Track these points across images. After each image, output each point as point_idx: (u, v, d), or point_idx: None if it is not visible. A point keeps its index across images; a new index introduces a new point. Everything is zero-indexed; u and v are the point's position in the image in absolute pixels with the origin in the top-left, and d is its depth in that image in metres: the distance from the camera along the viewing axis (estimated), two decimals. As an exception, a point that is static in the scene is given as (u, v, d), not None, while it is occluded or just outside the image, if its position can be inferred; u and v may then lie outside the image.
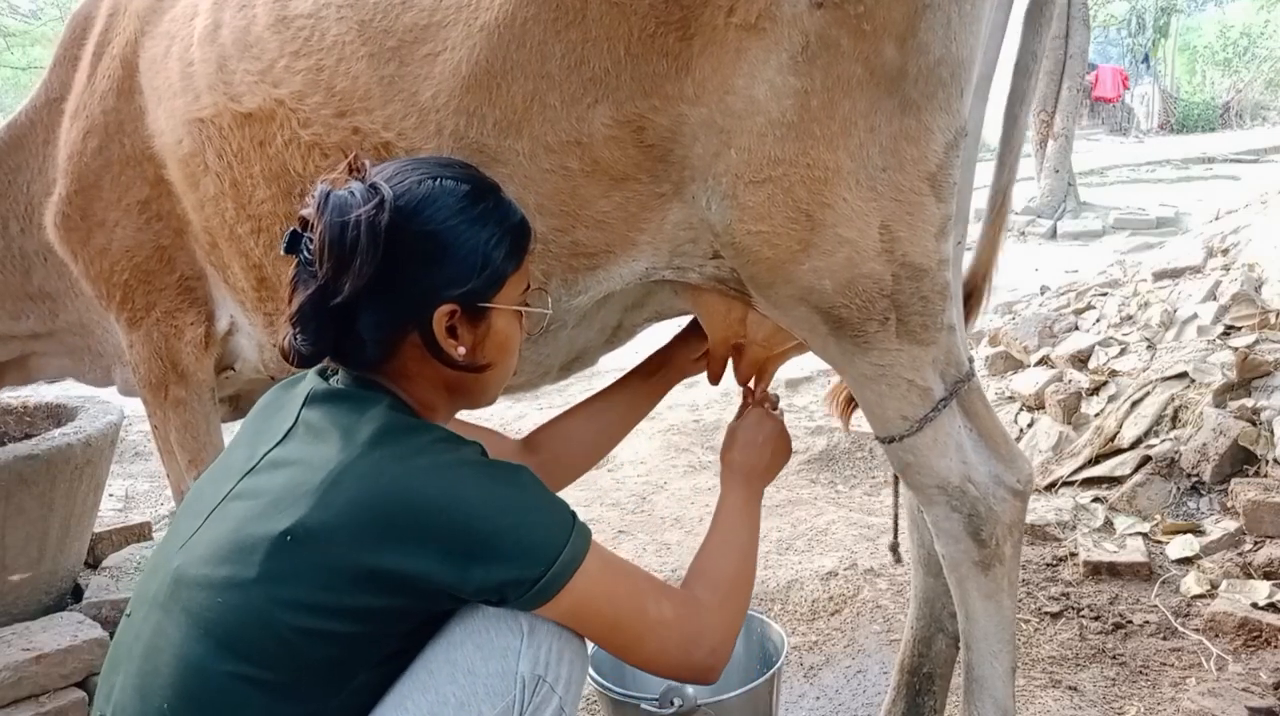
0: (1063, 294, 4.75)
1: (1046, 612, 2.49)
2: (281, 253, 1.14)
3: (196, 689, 1.00)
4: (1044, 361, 3.95)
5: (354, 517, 1.00)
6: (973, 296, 1.61)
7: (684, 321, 1.62)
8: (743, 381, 1.54)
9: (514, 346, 1.22)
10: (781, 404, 1.57)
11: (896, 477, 1.79)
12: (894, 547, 1.79)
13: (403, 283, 1.10)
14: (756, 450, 1.43)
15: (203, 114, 1.57)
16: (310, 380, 1.19)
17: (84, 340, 2.09)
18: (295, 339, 1.11)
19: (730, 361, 1.57)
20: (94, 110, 1.75)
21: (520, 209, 1.21)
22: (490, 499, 1.04)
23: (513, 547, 1.03)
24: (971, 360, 1.46)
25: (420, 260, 1.10)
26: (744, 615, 1.22)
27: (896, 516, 1.76)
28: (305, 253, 1.11)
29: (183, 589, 1.04)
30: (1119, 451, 3.18)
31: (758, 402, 1.51)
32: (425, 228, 1.10)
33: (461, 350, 1.14)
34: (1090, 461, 3.22)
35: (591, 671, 1.57)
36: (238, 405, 2.07)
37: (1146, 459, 3.05)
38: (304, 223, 1.12)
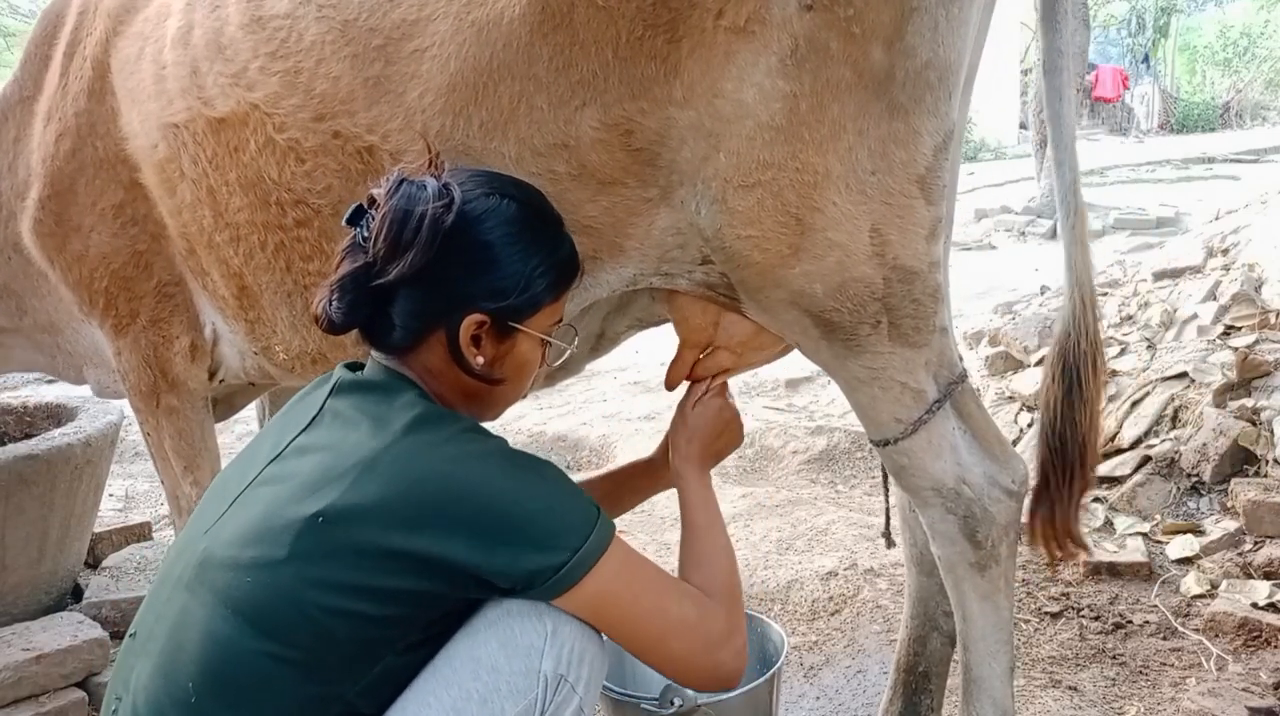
0: (1063, 294, 4.74)
1: (1046, 612, 2.49)
2: (343, 223, 1.19)
3: (223, 665, 1.02)
4: (1044, 361, 3.95)
5: (386, 501, 1.03)
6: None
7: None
8: (697, 377, 1.49)
9: (530, 371, 1.26)
10: (781, 403, 1.56)
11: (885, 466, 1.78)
12: (886, 535, 1.78)
13: (445, 282, 1.14)
14: (711, 439, 1.42)
15: (176, 119, 1.56)
16: (339, 374, 1.22)
17: (53, 338, 2.07)
18: (330, 306, 1.15)
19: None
20: (66, 113, 1.72)
21: (575, 248, 1.25)
22: (518, 486, 1.07)
23: (539, 532, 1.05)
24: (961, 360, 1.46)
25: (468, 266, 1.15)
26: (744, 612, 1.23)
27: (888, 507, 1.76)
28: (364, 229, 1.15)
29: (210, 570, 1.07)
30: (1119, 451, 3.18)
31: (716, 392, 1.46)
32: (482, 238, 1.15)
33: (480, 360, 1.18)
34: (1090, 461, 3.22)
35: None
36: (215, 408, 2.05)
37: (1146, 459, 3.05)
38: (371, 200, 1.16)
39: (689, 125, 1.26)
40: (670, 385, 1.53)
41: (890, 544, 1.78)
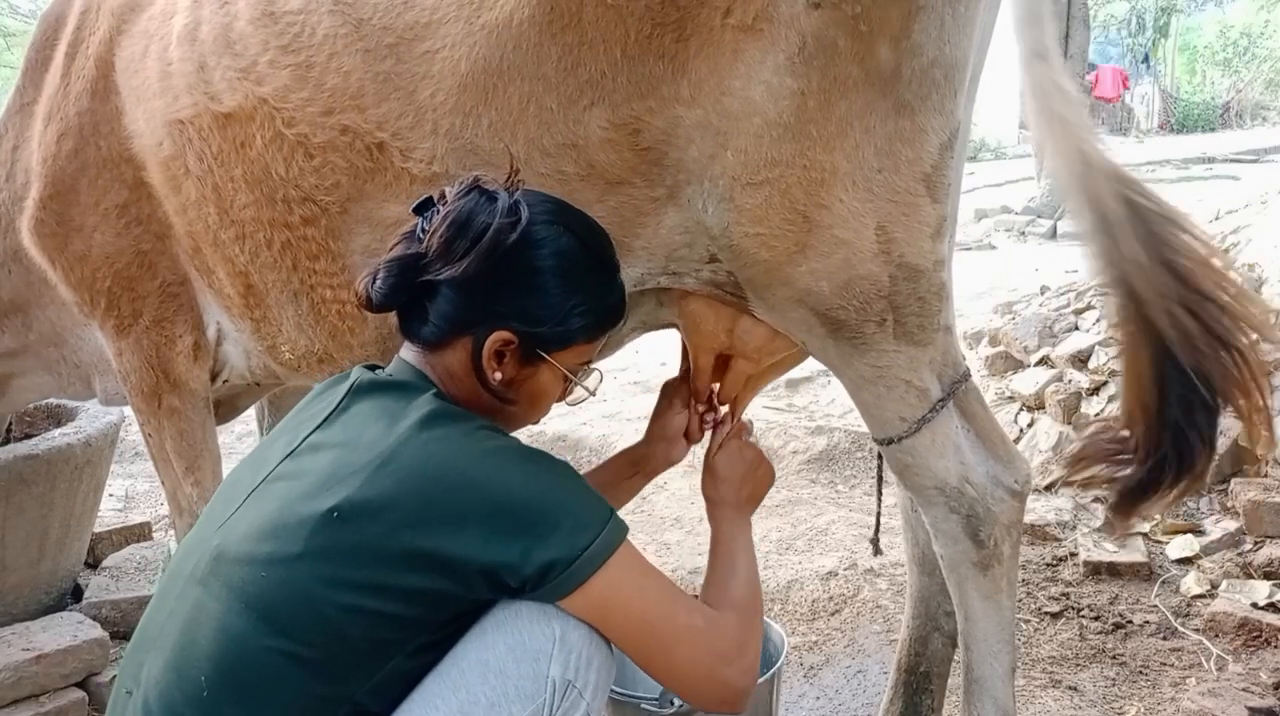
0: (1063, 294, 4.74)
1: (1046, 612, 2.49)
2: (410, 210, 1.21)
3: (236, 661, 1.02)
4: (1044, 361, 3.95)
5: (400, 497, 1.03)
6: None
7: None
8: (726, 398, 1.51)
9: (544, 402, 1.27)
10: (781, 403, 1.56)
11: (879, 472, 1.79)
12: (874, 541, 1.79)
13: (486, 294, 1.16)
14: (739, 483, 1.41)
15: (182, 115, 1.55)
16: (356, 373, 1.23)
17: (59, 351, 2.05)
18: (372, 284, 1.17)
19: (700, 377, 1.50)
20: (68, 112, 1.71)
21: (623, 298, 1.27)
22: (532, 482, 1.08)
23: (551, 528, 1.05)
24: (964, 358, 1.46)
25: (512, 285, 1.16)
26: (760, 642, 1.22)
27: (879, 513, 1.77)
28: (426, 221, 1.18)
29: (223, 565, 1.07)
30: (1119, 451, 3.18)
31: (734, 433, 1.47)
32: (535, 262, 1.16)
33: (498, 377, 1.19)
34: (1090, 461, 3.22)
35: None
36: (218, 410, 2.04)
37: (1146, 459, 3.05)
38: (441, 195, 1.19)
39: (696, 124, 1.26)
40: (700, 397, 1.53)
41: (877, 551, 1.79)
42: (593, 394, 1.32)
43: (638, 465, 1.57)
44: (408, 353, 1.23)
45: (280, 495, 1.09)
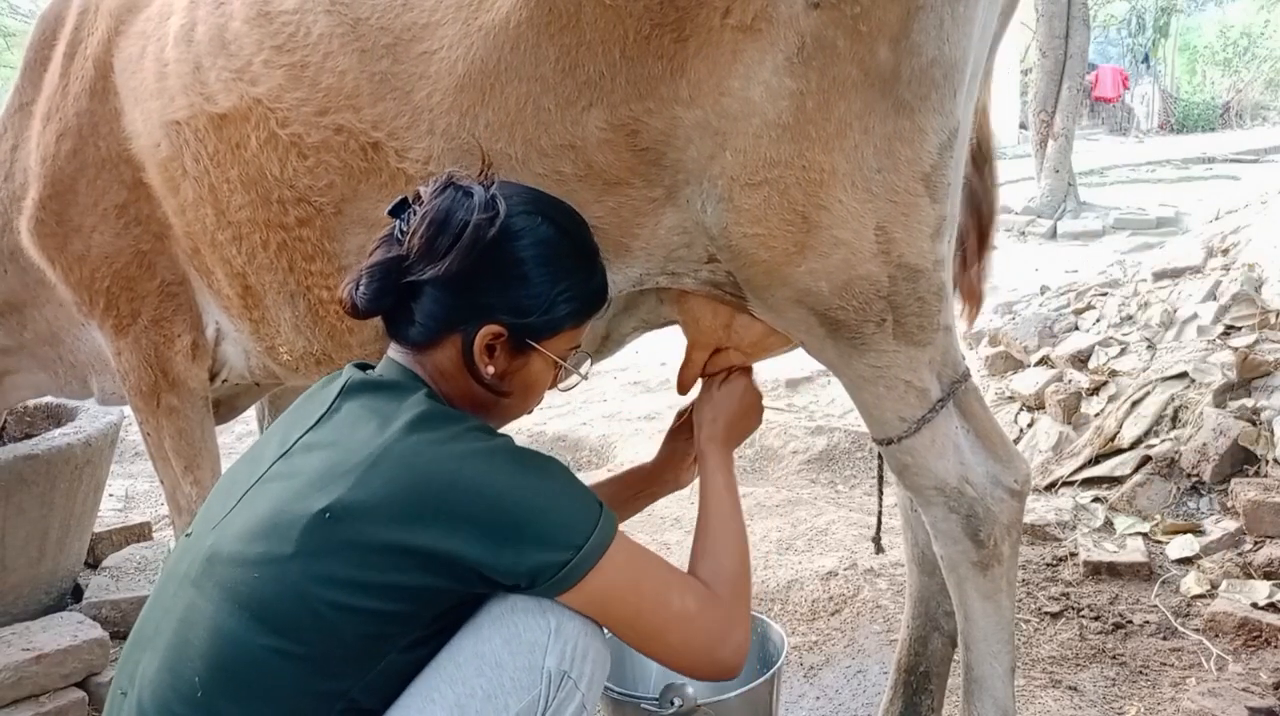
0: (1063, 294, 4.75)
1: (1046, 612, 2.49)
2: (386, 213, 1.21)
3: (230, 660, 1.03)
4: (1044, 361, 3.95)
5: (392, 497, 1.03)
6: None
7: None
8: (707, 375, 1.50)
9: (538, 390, 1.27)
10: (781, 403, 1.56)
11: (880, 470, 1.79)
12: (875, 540, 1.79)
13: (472, 290, 1.16)
14: (736, 420, 1.43)
15: (178, 116, 1.56)
16: (348, 373, 1.23)
17: (55, 350, 2.05)
18: (357, 290, 1.17)
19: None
20: (67, 112, 1.71)
21: (606, 281, 1.27)
22: (523, 483, 1.08)
23: (543, 530, 1.06)
24: (964, 358, 1.46)
25: (496, 278, 1.16)
26: (750, 604, 1.23)
27: (880, 511, 1.77)
28: (403, 222, 1.17)
29: (217, 566, 1.07)
30: (1119, 451, 3.18)
31: (744, 372, 1.47)
32: (516, 254, 1.17)
33: (491, 370, 1.19)
34: (1090, 461, 3.22)
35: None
36: (218, 410, 2.04)
37: (1146, 459, 3.05)
38: (416, 195, 1.18)
39: (695, 124, 1.26)
40: (683, 388, 1.53)
41: (879, 549, 1.79)
42: (585, 378, 1.32)
43: (645, 485, 1.58)
44: (396, 353, 1.23)
45: (273, 495, 1.09)
